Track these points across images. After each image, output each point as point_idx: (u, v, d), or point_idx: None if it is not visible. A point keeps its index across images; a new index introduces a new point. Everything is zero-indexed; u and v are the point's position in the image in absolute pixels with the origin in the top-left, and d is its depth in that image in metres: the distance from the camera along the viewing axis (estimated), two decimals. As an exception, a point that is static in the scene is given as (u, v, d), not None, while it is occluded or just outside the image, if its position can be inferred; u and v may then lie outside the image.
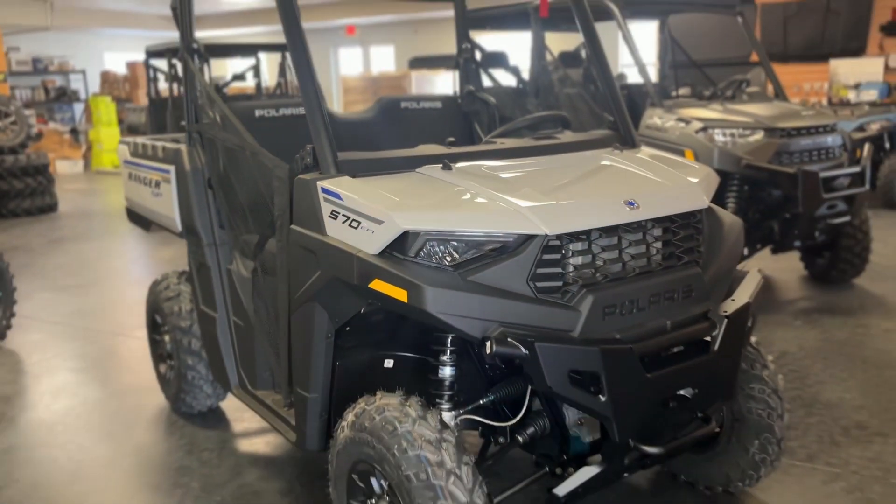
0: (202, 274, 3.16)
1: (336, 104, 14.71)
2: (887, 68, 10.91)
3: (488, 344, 1.92)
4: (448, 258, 2.04)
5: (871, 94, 9.31)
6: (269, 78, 14.61)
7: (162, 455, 3.33)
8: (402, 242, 2.04)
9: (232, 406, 3.75)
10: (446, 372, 2.27)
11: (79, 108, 17.84)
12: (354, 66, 20.62)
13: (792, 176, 4.69)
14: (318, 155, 2.29)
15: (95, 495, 3.03)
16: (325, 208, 2.21)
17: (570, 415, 2.35)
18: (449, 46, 18.19)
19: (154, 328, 3.78)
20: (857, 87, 9.65)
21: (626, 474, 2.37)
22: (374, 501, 2.18)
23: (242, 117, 2.97)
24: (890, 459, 3.06)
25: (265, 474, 3.12)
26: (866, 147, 5.27)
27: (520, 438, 2.39)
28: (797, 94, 11.79)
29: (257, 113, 3.21)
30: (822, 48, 11.43)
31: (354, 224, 2.11)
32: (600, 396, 2.00)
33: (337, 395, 2.43)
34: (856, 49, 11.26)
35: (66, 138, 15.88)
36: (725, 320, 2.23)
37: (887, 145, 8.52)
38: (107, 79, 17.01)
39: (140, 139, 3.71)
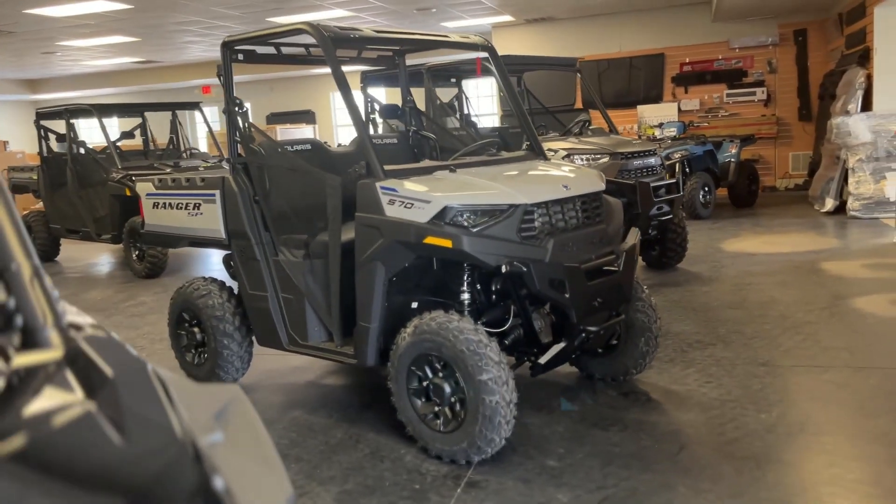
0: (250, 266, 4.26)
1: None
2: (680, 111, 13.58)
3: (504, 266, 3.30)
4: (468, 222, 3.39)
5: (672, 131, 11.70)
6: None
7: (214, 412, 4.33)
8: (441, 214, 3.37)
9: (249, 381, 4.80)
10: (465, 296, 3.62)
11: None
12: (212, 123, 21.24)
13: (632, 186, 6.47)
14: (370, 167, 3.57)
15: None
16: (384, 198, 3.49)
17: (536, 325, 3.76)
18: (303, 103, 19.49)
19: (179, 325, 4.75)
20: (660, 125, 12.04)
21: (576, 353, 3.80)
22: (427, 382, 3.45)
23: (276, 151, 4.18)
24: (718, 355, 4.72)
25: (307, 410, 4.24)
26: (677, 165, 7.23)
27: (506, 342, 3.77)
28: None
29: (279, 149, 4.39)
30: (630, 96, 13.95)
31: (408, 205, 3.42)
32: (566, 294, 3.42)
33: (384, 326, 3.68)
34: (655, 96, 13.87)
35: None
36: (624, 253, 3.75)
37: (687, 170, 10.84)
38: (-49, 144, 16.58)
39: (166, 176, 4.74)
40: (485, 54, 4.54)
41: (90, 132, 17.52)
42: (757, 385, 4.15)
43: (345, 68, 4.64)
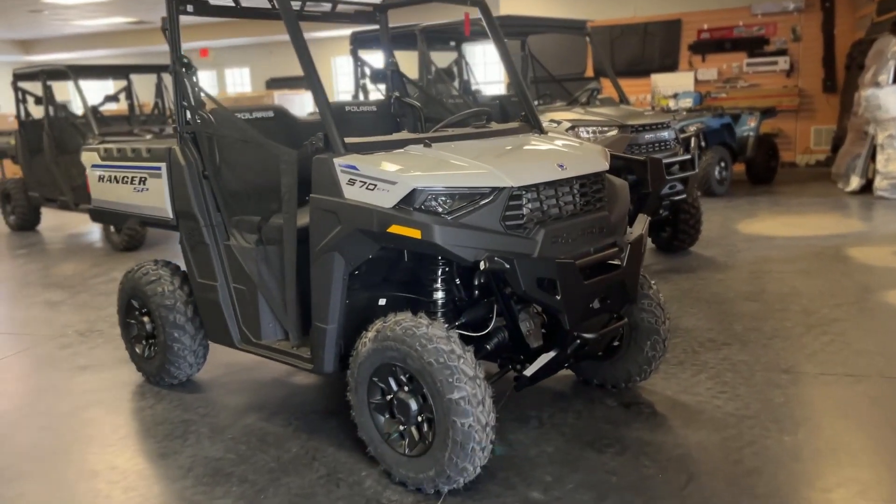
0: (198, 251, 3.71)
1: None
2: (697, 81, 12.86)
3: (482, 262, 2.74)
4: (442, 208, 2.82)
5: (688, 102, 11.02)
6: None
7: (160, 415, 3.82)
8: (409, 198, 2.80)
9: (204, 377, 4.28)
10: (439, 294, 3.07)
11: None
12: (209, 88, 20.62)
13: (643, 162, 5.86)
14: (329, 140, 3.00)
15: (121, 452, 3.50)
16: (343, 178, 2.93)
17: (523, 327, 3.21)
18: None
19: (128, 313, 4.23)
20: (675, 96, 11.35)
21: (567, 362, 3.25)
22: (391, 396, 2.92)
23: (228, 120, 3.60)
24: (734, 358, 4.17)
25: (263, 416, 3.72)
26: (693, 140, 6.61)
27: (488, 347, 3.22)
28: (626, 105, 13.50)
29: (232, 117, 3.81)
30: (643, 65, 13.23)
31: (371, 187, 2.85)
32: (556, 296, 2.86)
33: (345, 326, 3.14)
34: (670, 65, 13.14)
35: None
36: (629, 246, 3.18)
37: (703, 143, 10.18)
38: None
39: (112, 145, 4.19)
40: (475, 11, 3.93)
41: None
42: (779, 397, 3.60)
43: (330, 33, 4.10)
